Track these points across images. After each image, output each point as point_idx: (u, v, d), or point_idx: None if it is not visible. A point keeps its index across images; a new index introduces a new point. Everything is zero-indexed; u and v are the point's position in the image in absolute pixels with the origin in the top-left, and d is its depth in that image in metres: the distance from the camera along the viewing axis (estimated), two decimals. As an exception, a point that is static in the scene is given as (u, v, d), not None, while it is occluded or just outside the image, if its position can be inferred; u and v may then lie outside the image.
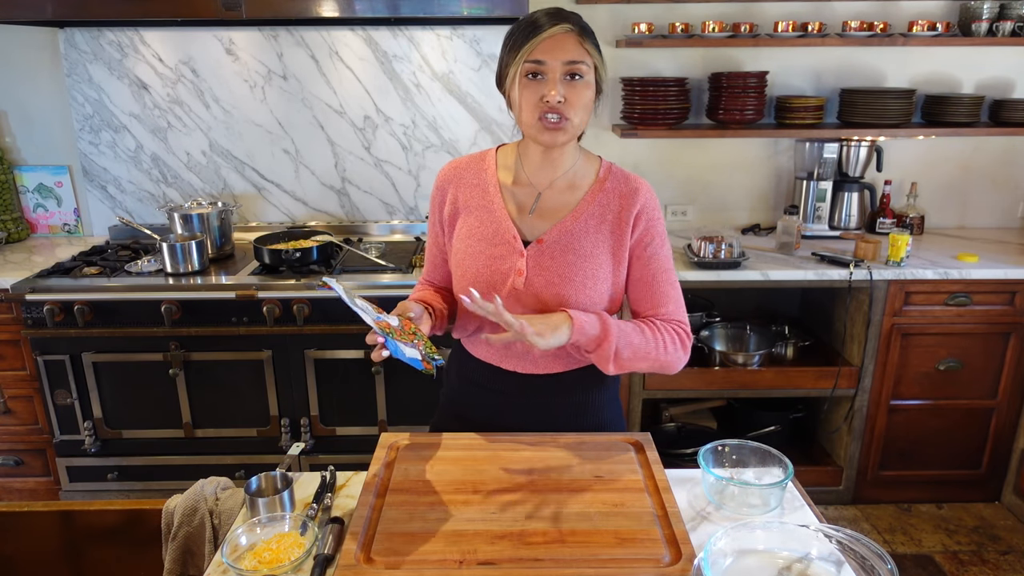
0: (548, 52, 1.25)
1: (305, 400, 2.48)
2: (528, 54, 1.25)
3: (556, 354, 1.40)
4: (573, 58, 1.25)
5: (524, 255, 1.35)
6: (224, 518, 1.36)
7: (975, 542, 2.57)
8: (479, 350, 1.46)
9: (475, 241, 1.37)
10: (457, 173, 1.43)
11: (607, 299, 1.38)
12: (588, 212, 1.37)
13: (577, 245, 1.35)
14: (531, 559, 1.06)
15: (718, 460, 1.32)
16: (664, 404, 2.99)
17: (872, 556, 1.05)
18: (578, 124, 1.30)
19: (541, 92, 1.26)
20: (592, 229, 1.36)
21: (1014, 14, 2.64)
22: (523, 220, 1.38)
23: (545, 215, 1.38)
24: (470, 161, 1.44)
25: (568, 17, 1.28)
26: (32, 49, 2.80)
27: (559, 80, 1.25)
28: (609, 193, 1.38)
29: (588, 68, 1.27)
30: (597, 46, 1.30)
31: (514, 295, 1.35)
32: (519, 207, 1.39)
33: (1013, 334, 2.56)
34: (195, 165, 2.92)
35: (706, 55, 2.84)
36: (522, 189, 1.39)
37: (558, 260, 1.35)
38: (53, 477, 2.62)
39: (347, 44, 2.78)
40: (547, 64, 1.25)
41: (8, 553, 1.52)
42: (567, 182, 1.39)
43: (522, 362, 1.42)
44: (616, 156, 2.91)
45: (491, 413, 1.46)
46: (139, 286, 2.37)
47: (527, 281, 1.35)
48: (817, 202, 2.87)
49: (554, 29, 1.25)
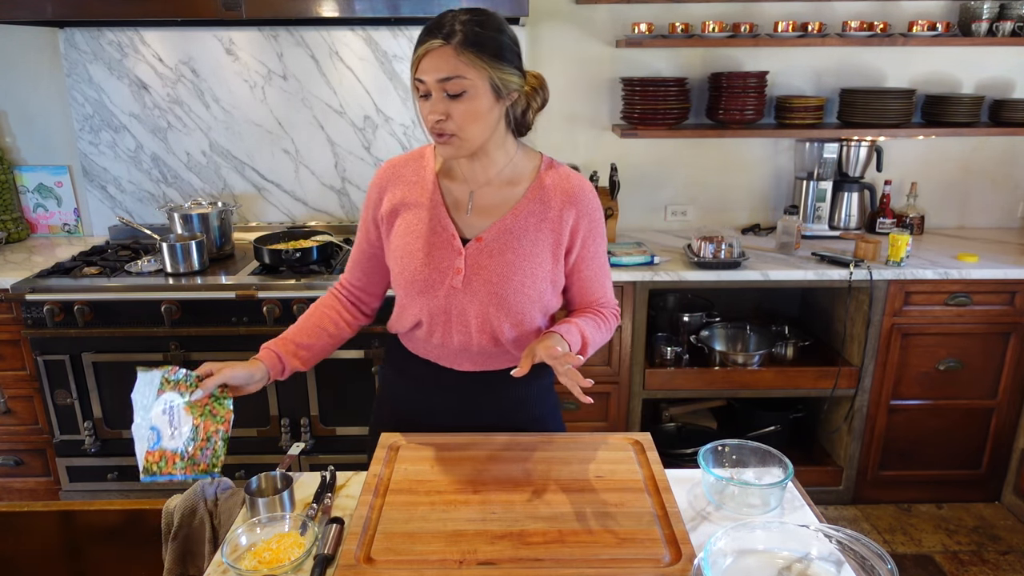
0: (426, 70, 1.21)
1: (305, 400, 2.48)
2: (415, 70, 1.23)
3: (494, 352, 1.40)
4: (447, 75, 1.20)
5: (463, 253, 1.34)
6: (224, 518, 1.36)
7: (975, 542, 2.57)
8: (416, 346, 1.45)
9: (413, 239, 1.36)
10: (395, 171, 1.41)
11: (547, 296, 1.38)
12: (528, 210, 1.35)
13: (516, 244, 1.34)
14: (531, 559, 1.06)
15: (718, 460, 1.32)
16: (664, 404, 2.99)
17: (872, 556, 1.05)
18: (468, 137, 1.26)
19: (428, 108, 1.24)
20: (532, 227, 1.35)
21: (1014, 14, 2.64)
22: (462, 218, 1.36)
23: (484, 213, 1.36)
24: (408, 159, 1.42)
25: (451, 27, 1.20)
26: (32, 49, 2.80)
27: (440, 98, 1.22)
28: (549, 191, 1.36)
29: (468, 81, 1.21)
30: (483, 52, 1.21)
31: (452, 293, 1.34)
32: (457, 204, 1.37)
33: (1013, 334, 2.56)
34: (195, 165, 2.92)
35: (706, 55, 2.84)
36: (459, 186, 1.38)
37: (496, 259, 1.33)
38: (53, 477, 2.62)
39: (347, 44, 2.78)
40: (427, 83, 1.22)
41: (8, 553, 1.52)
42: (505, 179, 1.37)
43: (459, 359, 1.41)
44: (616, 156, 2.92)
45: (429, 410, 1.46)
46: (139, 286, 2.37)
47: (465, 279, 1.33)
48: (817, 202, 2.87)
49: (429, 44, 1.20)
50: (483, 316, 1.35)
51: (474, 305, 1.35)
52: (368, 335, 2.39)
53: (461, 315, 1.36)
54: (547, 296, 1.37)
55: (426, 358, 1.44)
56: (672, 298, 2.98)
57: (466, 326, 1.37)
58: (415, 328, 1.42)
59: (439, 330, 1.39)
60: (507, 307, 1.34)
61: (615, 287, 2.47)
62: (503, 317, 1.35)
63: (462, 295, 1.34)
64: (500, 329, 1.36)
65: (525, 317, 1.36)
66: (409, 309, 1.40)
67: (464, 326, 1.37)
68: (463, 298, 1.35)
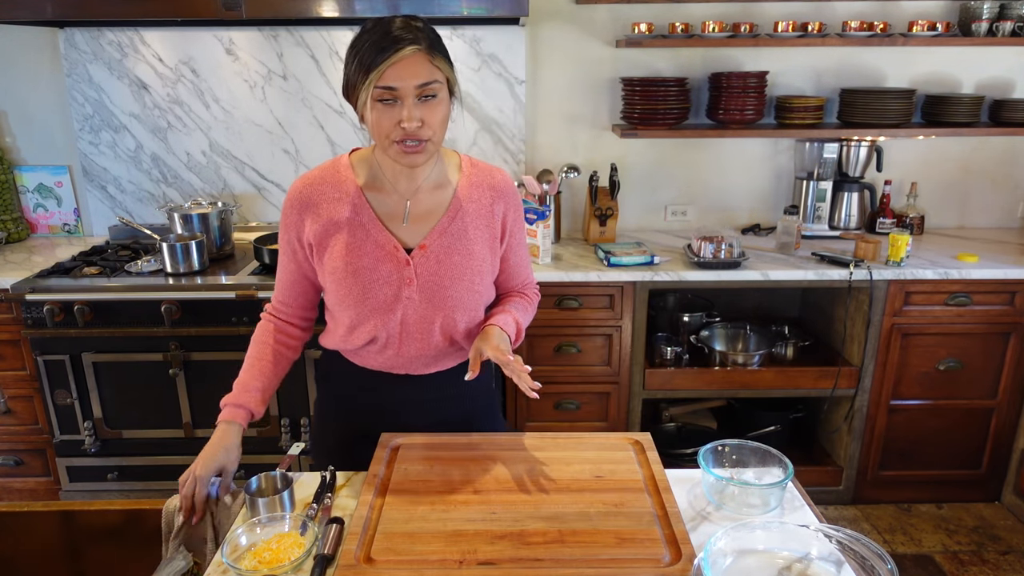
0: (399, 77, 1.18)
1: (305, 400, 2.48)
2: (378, 79, 1.18)
3: (449, 351, 1.42)
4: (425, 80, 1.20)
5: (410, 263, 1.33)
6: (223, 517, 1.36)
7: (975, 542, 2.57)
8: (366, 360, 1.43)
9: (355, 257, 1.32)
10: (313, 189, 1.35)
11: (490, 289, 1.43)
12: (463, 210, 1.37)
13: (459, 244, 1.35)
14: (531, 559, 1.06)
15: (718, 460, 1.32)
16: (664, 404, 2.99)
17: (872, 556, 1.05)
18: (438, 141, 1.27)
19: (397, 117, 1.21)
20: (470, 226, 1.37)
21: (1014, 14, 2.64)
22: (397, 228, 1.35)
23: (419, 219, 1.35)
24: (322, 174, 1.36)
25: (415, 33, 1.20)
26: (32, 49, 2.80)
27: (414, 104, 1.21)
28: (477, 187, 1.39)
29: (441, 84, 1.23)
30: (446, 55, 1.25)
31: (408, 305, 1.34)
32: (390, 215, 1.34)
33: (1013, 334, 2.56)
34: (195, 165, 2.92)
35: (706, 55, 2.84)
36: (387, 196, 1.35)
37: (444, 263, 1.34)
38: (53, 477, 2.62)
39: (347, 44, 2.77)
40: (399, 89, 1.19)
41: (8, 553, 1.52)
42: (433, 183, 1.37)
43: (413, 364, 1.42)
44: (616, 156, 2.92)
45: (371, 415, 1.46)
46: (139, 286, 2.37)
47: (419, 289, 1.34)
48: (817, 202, 2.87)
49: (404, 51, 1.18)
50: (442, 320, 1.37)
51: (430, 312, 1.36)
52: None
53: (419, 324, 1.37)
54: (490, 289, 1.43)
55: (378, 370, 1.44)
56: (672, 298, 2.98)
57: (423, 334, 1.38)
58: (368, 344, 1.40)
59: (394, 343, 1.39)
60: (463, 307, 1.37)
61: (615, 287, 2.48)
62: (459, 317, 1.38)
63: (418, 305, 1.35)
64: (456, 329, 1.39)
65: (476, 313, 1.41)
66: (361, 328, 1.37)
67: (422, 334, 1.38)
68: (419, 308, 1.35)
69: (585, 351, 2.56)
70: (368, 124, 1.25)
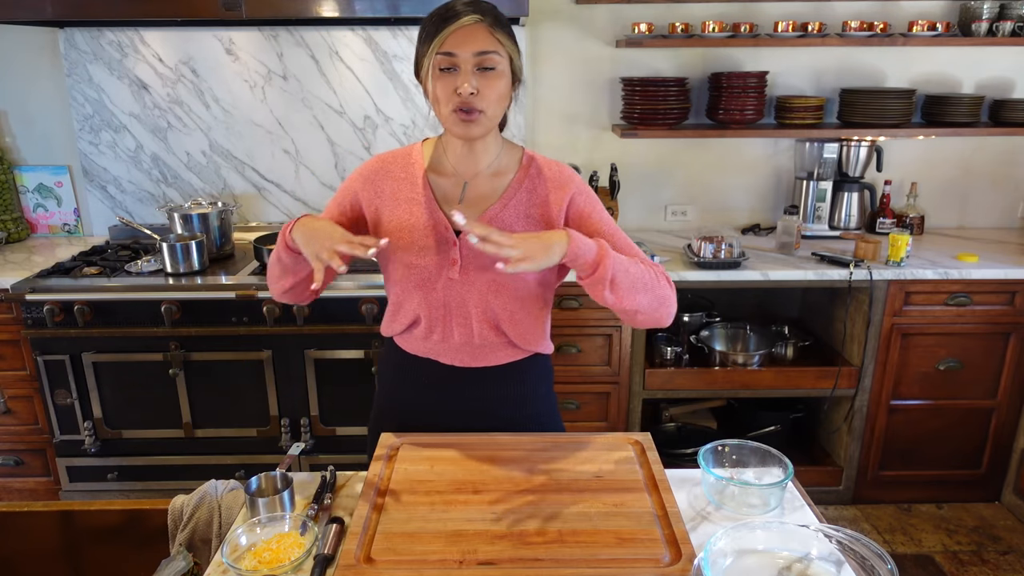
0: (459, 44, 1.24)
1: (305, 400, 2.48)
2: (440, 46, 1.24)
3: (496, 343, 1.41)
4: (484, 48, 1.24)
5: (457, 244, 1.35)
6: (226, 517, 1.36)
7: (975, 542, 2.57)
8: (414, 346, 1.45)
9: (405, 233, 1.36)
10: (384, 166, 1.42)
11: (538, 282, 1.40)
12: (516, 198, 1.38)
13: (509, 230, 1.34)
14: (531, 559, 1.06)
15: (718, 460, 1.32)
16: (664, 404, 2.99)
17: (872, 556, 1.05)
18: (492, 115, 1.29)
19: (454, 84, 1.25)
20: (522, 214, 1.37)
21: (1014, 14, 2.64)
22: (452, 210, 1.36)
23: (473, 204, 1.38)
24: (396, 155, 1.43)
25: (479, 6, 1.26)
26: (32, 49, 2.80)
27: (471, 72, 1.24)
28: (535, 179, 1.39)
29: (501, 58, 1.26)
30: (512, 35, 1.30)
31: (450, 285, 1.36)
32: (446, 198, 1.38)
33: (1013, 334, 2.56)
34: (195, 165, 2.92)
35: (706, 55, 2.84)
36: (448, 180, 1.39)
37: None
38: (53, 477, 2.62)
39: (347, 44, 2.78)
40: (458, 56, 1.24)
41: (8, 553, 1.52)
42: (493, 171, 1.39)
43: (460, 355, 1.42)
44: (616, 156, 2.92)
45: (428, 410, 1.46)
46: (139, 286, 2.37)
47: (462, 269, 1.35)
48: (817, 202, 2.87)
49: (464, 20, 1.24)
50: (483, 305, 1.37)
51: (473, 295, 1.36)
52: (368, 335, 2.39)
53: (461, 307, 1.37)
54: (538, 280, 1.40)
55: (426, 356, 1.44)
56: (672, 298, 2.97)
57: (466, 318, 1.38)
58: (412, 327, 1.42)
59: (439, 326, 1.39)
60: (504, 294, 1.36)
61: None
62: (503, 304, 1.37)
63: (460, 286, 1.36)
64: (502, 316, 1.38)
65: (524, 302, 1.39)
66: (405, 305, 1.40)
67: (464, 319, 1.38)
68: (461, 289, 1.36)
69: (585, 351, 2.57)
70: (431, 97, 1.30)
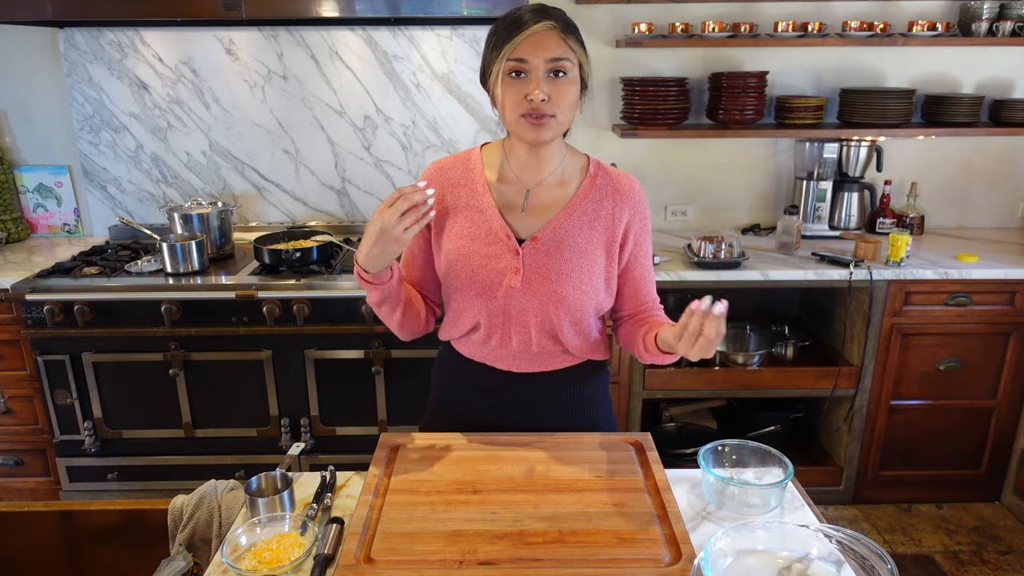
0: (531, 50, 1.24)
1: (305, 400, 2.48)
2: (511, 52, 1.24)
3: (554, 351, 1.40)
4: (556, 55, 1.24)
5: (519, 253, 1.34)
6: (226, 516, 1.36)
7: (975, 542, 2.57)
8: (471, 350, 1.45)
9: (468, 241, 1.36)
10: (443, 173, 1.41)
11: (601, 294, 1.39)
12: (581, 208, 1.37)
13: (572, 241, 1.35)
14: (531, 559, 1.06)
15: (718, 460, 1.32)
16: (664, 404, 2.99)
17: (872, 556, 1.05)
18: (563, 121, 1.29)
19: (524, 90, 1.25)
20: (586, 225, 1.36)
21: (1014, 14, 2.64)
22: (514, 218, 1.37)
23: (536, 212, 1.37)
24: (455, 161, 1.42)
25: (551, 13, 1.26)
26: (32, 49, 2.80)
27: (542, 78, 1.24)
28: (601, 190, 1.38)
29: (572, 65, 1.26)
30: (581, 42, 1.29)
31: (510, 293, 1.35)
32: (509, 205, 1.38)
33: (1013, 334, 2.56)
34: (195, 165, 2.92)
35: (706, 55, 2.84)
36: (510, 187, 1.38)
37: (554, 257, 1.34)
38: (53, 477, 2.62)
39: (347, 44, 2.78)
40: (530, 62, 1.24)
41: (8, 553, 1.52)
42: (556, 179, 1.39)
43: (516, 361, 1.41)
44: (616, 156, 2.92)
45: (483, 413, 1.46)
46: (139, 286, 2.37)
47: (524, 279, 1.34)
48: (817, 202, 2.87)
49: (537, 27, 1.24)
50: (543, 315, 1.36)
51: (533, 304, 1.35)
52: (368, 335, 2.39)
53: (520, 316, 1.37)
54: (601, 294, 1.39)
55: (482, 361, 1.44)
56: (672, 298, 2.97)
57: (525, 327, 1.37)
58: (471, 332, 1.42)
59: (497, 332, 1.39)
60: (566, 304, 1.35)
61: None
62: (563, 315, 1.36)
63: (521, 295, 1.35)
64: (560, 327, 1.37)
65: (583, 315, 1.38)
66: (466, 312, 1.40)
67: (523, 327, 1.37)
68: (522, 298, 1.35)
69: (585, 351, 2.56)
70: (499, 104, 1.29)
